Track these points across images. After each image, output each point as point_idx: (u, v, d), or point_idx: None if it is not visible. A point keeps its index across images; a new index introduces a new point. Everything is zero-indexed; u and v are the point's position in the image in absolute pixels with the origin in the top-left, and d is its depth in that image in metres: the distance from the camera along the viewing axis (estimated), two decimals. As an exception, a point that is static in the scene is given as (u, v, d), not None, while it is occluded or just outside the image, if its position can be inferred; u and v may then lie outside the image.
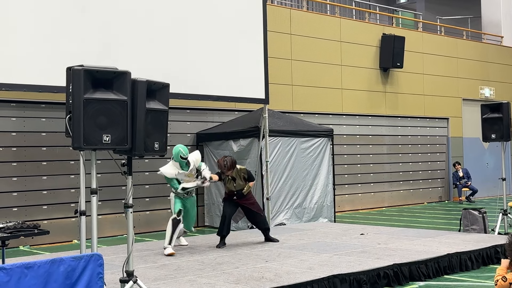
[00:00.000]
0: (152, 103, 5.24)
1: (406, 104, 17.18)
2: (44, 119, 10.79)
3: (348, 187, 15.09)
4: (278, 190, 11.80)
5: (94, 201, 5.06)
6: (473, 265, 7.58)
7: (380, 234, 9.45)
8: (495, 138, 9.89)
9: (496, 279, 4.22)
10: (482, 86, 19.48)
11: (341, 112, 15.64)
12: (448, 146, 18.42)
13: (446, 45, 18.52)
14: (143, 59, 9.39)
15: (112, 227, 11.22)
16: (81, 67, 4.76)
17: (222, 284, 6.03)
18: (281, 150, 11.91)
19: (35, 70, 8.37)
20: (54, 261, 4.20)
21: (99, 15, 9.06)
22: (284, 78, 14.30)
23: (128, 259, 5.20)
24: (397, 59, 16.34)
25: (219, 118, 13.12)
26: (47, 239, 9.92)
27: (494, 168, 19.03)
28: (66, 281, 4.23)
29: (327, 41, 15.38)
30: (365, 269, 6.56)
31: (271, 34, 12.70)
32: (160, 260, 7.53)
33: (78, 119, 4.71)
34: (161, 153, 5.41)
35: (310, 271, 6.56)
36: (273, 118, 12.01)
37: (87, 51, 8.72)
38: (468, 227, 9.79)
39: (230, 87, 10.86)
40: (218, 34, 10.62)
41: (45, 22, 8.52)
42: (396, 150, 16.91)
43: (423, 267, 7.03)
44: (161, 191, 12.18)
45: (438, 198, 18.00)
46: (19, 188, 10.46)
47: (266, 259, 7.44)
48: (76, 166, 10.38)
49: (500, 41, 20.58)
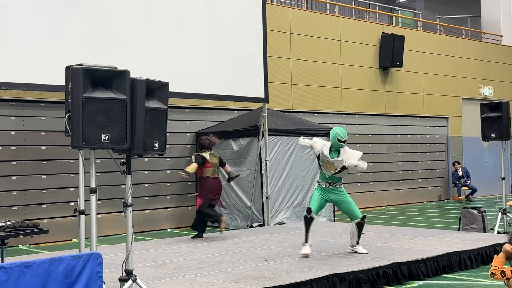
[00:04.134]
0: (151, 102, 5.24)
1: (406, 103, 17.18)
2: (43, 118, 10.79)
3: (347, 186, 14.99)
4: (277, 189, 11.80)
5: (93, 200, 5.06)
6: (472, 264, 7.58)
7: (380, 233, 9.45)
8: (494, 137, 9.89)
9: (493, 272, 4.18)
10: (482, 85, 19.49)
11: (341, 111, 15.64)
12: (447, 145, 18.43)
13: (446, 44, 18.52)
14: (142, 58, 9.39)
15: (111, 226, 11.22)
16: (80, 66, 4.76)
17: (222, 283, 6.03)
18: (281, 149, 11.91)
19: (34, 69, 8.37)
20: (53, 260, 4.20)
21: (98, 14, 9.06)
22: (283, 77, 14.30)
23: (128, 258, 5.20)
24: (396, 58, 16.34)
25: (218, 117, 13.12)
26: (46, 238, 9.91)
27: (493, 167, 19.03)
28: (65, 280, 4.23)
29: (326, 40, 15.38)
30: (365, 268, 6.56)
31: (271, 33, 12.70)
32: (160, 259, 7.53)
33: (77, 118, 4.71)
34: (160, 152, 5.41)
35: (310, 270, 6.55)
36: (272, 117, 12.01)
37: (86, 50, 8.72)
38: (467, 226, 9.79)
39: (230, 86, 10.87)
40: (218, 33, 10.63)
41: (45, 20, 8.52)
42: (395, 149, 16.92)
43: (423, 266, 7.03)
44: (161, 190, 12.20)
45: (438, 197, 18.01)
46: (18, 187, 10.45)
47: (266, 258, 7.44)
48: (76, 165, 10.37)
49: (499, 40, 20.58)
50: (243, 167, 11.78)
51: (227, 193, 11.97)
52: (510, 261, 4.23)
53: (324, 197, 7.62)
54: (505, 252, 4.15)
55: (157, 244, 9.04)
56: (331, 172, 7.53)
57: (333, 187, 7.59)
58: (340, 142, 7.50)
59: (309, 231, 7.47)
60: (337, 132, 7.52)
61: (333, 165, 7.48)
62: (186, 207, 12.44)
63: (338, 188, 7.63)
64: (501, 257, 4.19)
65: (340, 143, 7.50)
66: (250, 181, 11.62)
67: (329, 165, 7.49)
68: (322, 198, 7.62)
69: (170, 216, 12.31)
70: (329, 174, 7.54)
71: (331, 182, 7.58)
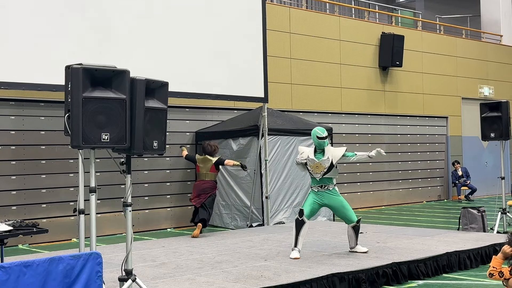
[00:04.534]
0: (151, 101, 5.23)
1: (405, 103, 17.17)
2: (43, 117, 10.78)
3: (347, 186, 15.08)
4: (277, 189, 11.79)
5: (93, 200, 5.06)
6: (472, 264, 7.59)
7: (379, 233, 9.45)
8: (494, 137, 9.89)
9: (491, 272, 4.18)
10: (481, 85, 19.49)
11: (340, 111, 15.64)
12: (447, 145, 18.43)
13: (446, 44, 18.52)
14: (141, 57, 9.38)
15: (111, 226, 11.22)
16: (80, 65, 4.76)
17: (221, 282, 6.03)
18: (280, 148, 11.91)
19: (34, 69, 8.37)
20: (53, 259, 4.20)
21: (98, 13, 9.06)
22: (283, 76, 14.30)
23: (127, 257, 5.19)
24: (396, 58, 16.33)
25: (218, 116, 13.11)
26: (46, 237, 9.90)
27: (493, 167, 19.03)
28: (65, 280, 4.23)
29: (326, 39, 15.38)
30: (364, 268, 6.56)
31: (270, 32, 12.69)
32: (159, 259, 7.53)
33: (77, 117, 4.70)
34: (160, 152, 5.41)
35: (309, 269, 6.55)
36: (272, 117, 12.01)
37: (86, 49, 8.72)
38: (467, 226, 9.79)
39: (229, 85, 10.86)
40: (218, 32, 10.62)
41: (44, 20, 8.52)
42: (395, 149, 16.91)
43: (422, 266, 7.03)
44: (160, 190, 12.19)
45: (437, 197, 18.01)
46: (18, 187, 10.45)
47: (265, 257, 7.44)
48: (75, 164, 10.36)
49: (499, 40, 20.58)
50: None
51: (227, 192, 11.97)
52: (509, 261, 4.24)
53: (318, 201, 7.64)
54: (503, 253, 4.15)
55: (156, 243, 9.04)
56: (320, 174, 7.58)
57: (326, 189, 7.62)
58: (320, 139, 7.61)
59: (299, 235, 7.49)
60: (315, 130, 7.69)
61: (321, 165, 7.57)
62: (185, 207, 12.42)
63: (332, 190, 7.65)
64: (499, 258, 4.20)
65: (321, 140, 7.61)
66: (249, 180, 11.61)
67: (316, 167, 7.58)
68: (316, 202, 7.64)
69: (169, 215, 12.31)
70: (319, 176, 7.59)
71: (322, 185, 7.63)
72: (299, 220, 7.52)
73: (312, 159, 7.61)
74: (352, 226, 7.68)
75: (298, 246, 7.47)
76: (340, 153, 7.66)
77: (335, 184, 7.74)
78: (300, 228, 7.50)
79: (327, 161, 7.57)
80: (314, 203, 7.63)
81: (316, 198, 7.64)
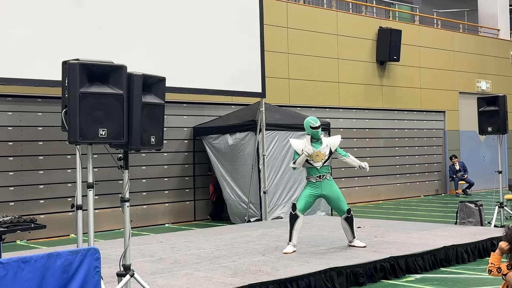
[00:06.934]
0: (148, 97, 5.22)
1: (403, 97, 17.18)
2: (40, 113, 10.77)
3: (345, 181, 15.10)
4: (275, 184, 11.80)
5: (90, 195, 5.06)
6: (469, 258, 7.61)
7: (377, 227, 9.47)
8: (491, 131, 9.91)
9: (490, 269, 4.21)
10: (479, 79, 19.50)
11: (338, 106, 15.64)
12: (444, 139, 18.45)
13: (443, 38, 18.52)
14: (139, 53, 9.37)
15: (109, 221, 11.23)
16: (77, 61, 4.75)
17: (219, 277, 6.04)
18: (278, 143, 11.91)
19: (31, 64, 8.35)
20: (51, 255, 4.20)
21: (95, 9, 9.04)
22: (280, 71, 14.29)
23: (125, 253, 5.20)
24: (393, 52, 16.33)
25: (215, 112, 13.11)
26: (44, 233, 9.91)
27: (490, 161, 19.06)
28: (63, 275, 4.22)
29: (323, 34, 15.36)
30: (362, 262, 6.58)
31: (268, 27, 12.68)
32: (157, 254, 7.54)
33: (74, 113, 4.70)
34: (158, 147, 5.40)
35: (307, 264, 6.57)
36: (270, 112, 12.01)
37: (83, 45, 8.70)
38: (464, 220, 9.81)
39: (227, 81, 10.86)
40: (215, 27, 10.61)
41: (42, 16, 8.50)
42: (392, 143, 16.93)
43: (420, 260, 7.05)
44: (158, 185, 12.20)
45: (435, 191, 18.04)
46: (15, 183, 10.45)
47: (263, 252, 7.45)
48: (73, 160, 10.36)
49: (496, 34, 20.58)
50: (240, 161, 11.77)
51: (225, 188, 11.97)
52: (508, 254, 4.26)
53: (315, 193, 7.63)
54: (500, 249, 4.19)
55: (154, 239, 9.04)
56: (322, 162, 7.60)
57: (324, 179, 7.61)
58: (314, 129, 7.62)
59: (294, 230, 7.48)
60: (308, 120, 7.70)
61: (321, 153, 7.60)
62: (183, 202, 12.45)
63: (329, 179, 7.67)
64: (497, 254, 4.23)
65: (314, 130, 7.63)
66: (247, 175, 11.61)
67: (317, 156, 7.58)
68: (312, 195, 7.63)
69: (167, 211, 12.32)
70: (320, 164, 7.60)
71: (321, 175, 7.61)
72: (292, 215, 7.55)
73: (310, 148, 7.59)
74: (344, 218, 7.69)
75: (293, 240, 7.48)
76: (337, 141, 7.79)
77: (330, 173, 7.82)
78: (293, 222, 7.50)
79: (327, 148, 7.65)
80: (310, 196, 7.62)
81: (313, 190, 7.62)
